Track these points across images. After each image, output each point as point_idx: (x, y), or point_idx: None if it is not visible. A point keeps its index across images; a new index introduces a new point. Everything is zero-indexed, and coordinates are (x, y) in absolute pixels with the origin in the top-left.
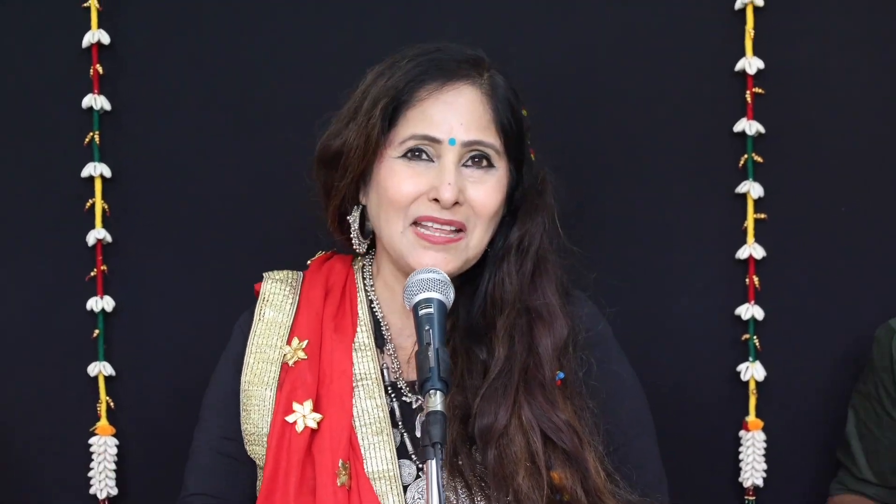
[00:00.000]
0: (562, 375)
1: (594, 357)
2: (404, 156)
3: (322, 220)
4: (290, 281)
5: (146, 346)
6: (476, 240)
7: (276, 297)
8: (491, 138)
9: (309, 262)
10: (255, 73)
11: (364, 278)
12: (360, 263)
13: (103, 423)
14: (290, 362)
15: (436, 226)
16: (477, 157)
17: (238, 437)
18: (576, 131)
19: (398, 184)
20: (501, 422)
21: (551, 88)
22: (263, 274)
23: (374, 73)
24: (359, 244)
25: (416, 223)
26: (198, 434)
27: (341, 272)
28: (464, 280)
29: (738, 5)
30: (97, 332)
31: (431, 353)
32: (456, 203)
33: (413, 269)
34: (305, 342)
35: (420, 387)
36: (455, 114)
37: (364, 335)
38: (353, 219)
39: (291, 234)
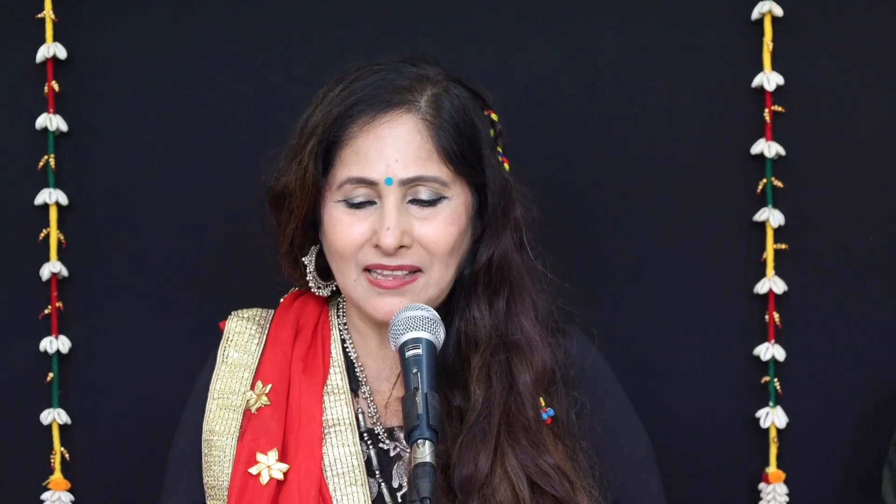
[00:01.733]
0: (551, 412)
1: (587, 396)
2: (345, 201)
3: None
4: (257, 319)
5: (105, 391)
6: (436, 277)
7: (241, 336)
8: (434, 170)
9: (282, 299)
10: (226, 92)
11: (338, 316)
12: (336, 300)
13: (57, 476)
14: (253, 409)
15: (385, 272)
16: (423, 192)
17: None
18: (580, 153)
19: (340, 233)
20: (483, 471)
21: (554, 108)
22: (232, 312)
23: (315, 101)
24: (318, 287)
25: (367, 269)
26: (164, 495)
27: (314, 310)
28: None
29: (755, 16)
30: (51, 375)
31: (420, 399)
32: (402, 246)
33: (373, 317)
34: (269, 387)
35: (407, 435)
36: (390, 149)
37: (337, 378)
38: (309, 261)
39: (264, 269)
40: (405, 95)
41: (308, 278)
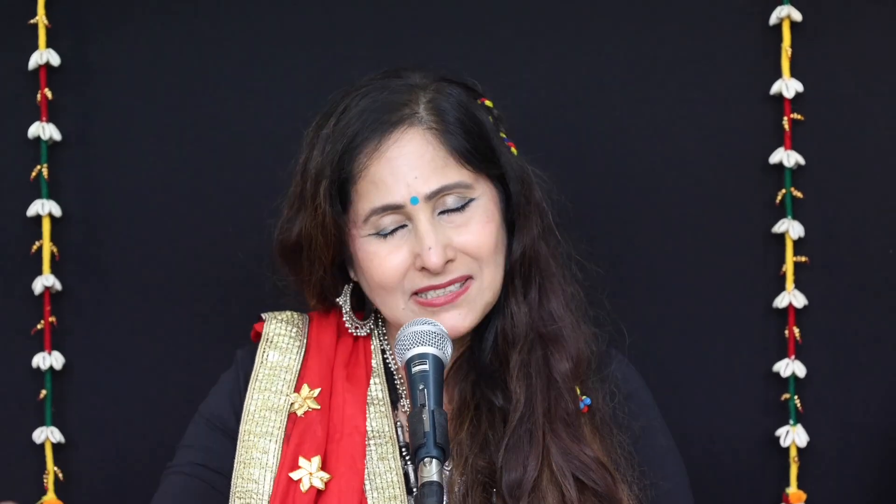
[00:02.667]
0: (588, 401)
1: (632, 423)
2: (376, 233)
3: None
4: (295, 322)
5: (100, 408)
6: (489, 280)
7: (282, 338)
8: (455, 176)
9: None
10: (223, 100)
11: (379, 325)
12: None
13: (51, 496)
14: (300, 412)
15: (437, 291)
16: (451, 201)
17: (221, 474)
18: (594, 163)
19: (379, 266)
20: (531, 474)
21: (569, 118)
22: (263, 314)
23: (307, 142)
24: (355, 328)
25: (415, 293)
26: (180, 452)
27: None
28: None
29: (773, 21)
30: (44, 392)
31: (426, 416)
32: (448, 261)
33: None
34: (317, 391)
35: (413, 454)
36: (405, 168)
37: (378, 388)
38: (344, 301)
39: (262, 282)
40: (403, 111)
41: (345, 319)
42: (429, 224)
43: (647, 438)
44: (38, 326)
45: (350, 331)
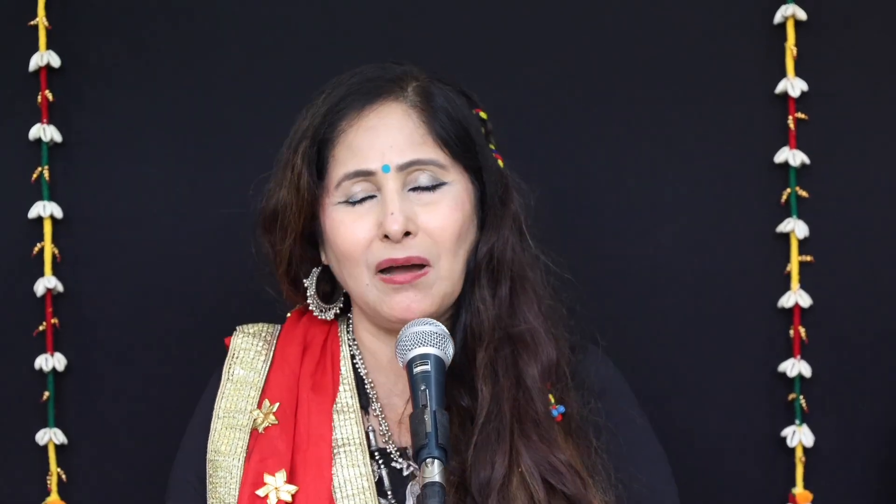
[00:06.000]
0: (562, 409)
1: (607, 416)
2: (346, 201)
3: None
4: (264, 335)
5: (103, 409)
6: (445, 270)
7: (247, 353)
8: (430, 153)
9: (289, 314)
10: (224, 100)
11: (348, 332)
12: (345, 316)
13: (54, 498)
14: (261, 428)
15: (395, 267)
16: (423, 178)
17: None
18: (598, 162)
19: (345, 233)
20: (500, 472)
21: (572, 116)
22: (237, 327)
23: (298, 119)
24: (320, 310)
25: (380, 270)
26: None
27: (323, 326)
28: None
29: (777, 19)
30: (47, 394)
31: (428, 417)
32: (409, 234)
33: (388, 320)
34: (276, 405)
35: (415, 455)
36: (383, 137)
37: (347, 395)
38: (309, 283)
39: (269, 284)
40: (391, 86)
41: (308, 301)
42: (395, 193)
43: (624, 433)
44: (41, 328)
45: (315, 314)
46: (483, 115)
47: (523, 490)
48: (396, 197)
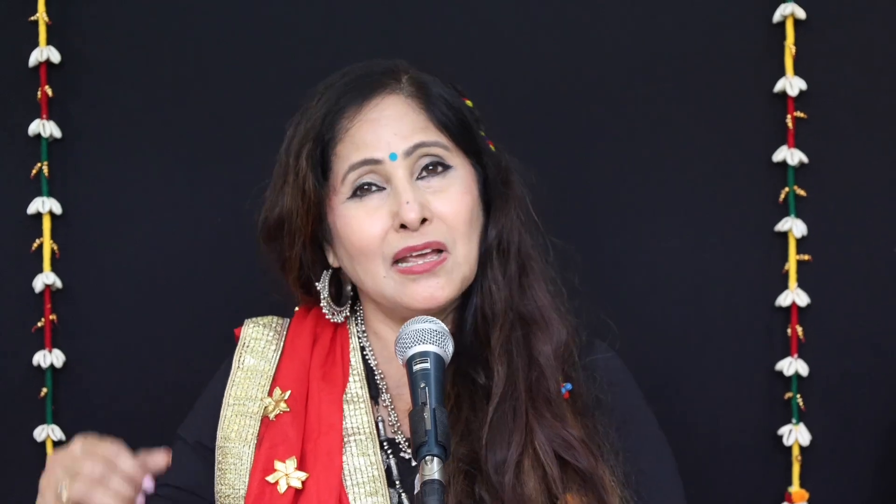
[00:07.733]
0: (569, 387)
1: (615, 411)
2: (353, 195)
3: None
4: (274, 326)
5: (101, 406)
6: (462, 254)
7: (258, 342)
8: (433, 136)
9: (296, 308)
10: (223, 96)
11: (357, 323)
12: (353, 310)
13: None
14: (272, 416)
15: (415, 254)
16: (430, 165)
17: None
18: (596, 160)
19: (359, 228)
20: (516, 450)
21: (571, 114)
22: (246, 319)
23: (292, 125)
24: (332, 314)
25: (396, 261)
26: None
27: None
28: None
29: (776, 18)
30: (45, 390)
31: (427, 415)
32: (425, 220)
33: (410, 310)
34: (288, 393)
35: (415, 452)
36: (385, 127)
37: (357, 385)
38: (322, 286)
39: (268, 279)
40: (386, 79)
41: (322, 304)
42: (406, 181)
43: (631, 425)
44: (39, 324)
45: (328, 317)
46: (469, 103)
47: (538, 466)
48: (409, 186)
